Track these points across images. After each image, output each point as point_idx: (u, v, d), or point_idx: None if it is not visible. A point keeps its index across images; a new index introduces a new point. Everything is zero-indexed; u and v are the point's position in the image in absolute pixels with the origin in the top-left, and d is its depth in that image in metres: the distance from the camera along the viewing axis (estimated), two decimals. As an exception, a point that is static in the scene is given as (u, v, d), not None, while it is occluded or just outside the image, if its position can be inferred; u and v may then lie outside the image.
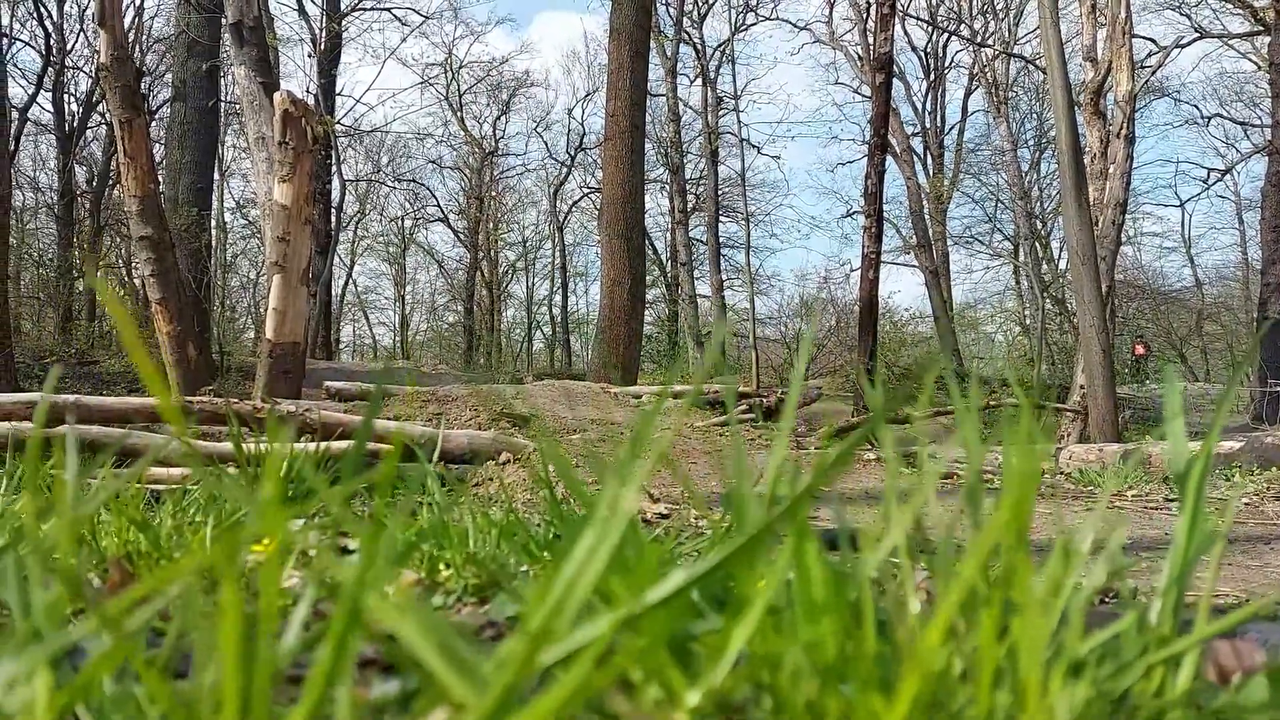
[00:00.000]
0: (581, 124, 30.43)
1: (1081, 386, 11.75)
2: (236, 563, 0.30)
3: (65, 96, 23.13)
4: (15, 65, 21.79)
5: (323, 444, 3.39)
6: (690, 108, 27.70)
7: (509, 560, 1.22)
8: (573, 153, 30.17)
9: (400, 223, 32.13)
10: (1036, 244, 26.38)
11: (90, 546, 1.03)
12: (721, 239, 26.55)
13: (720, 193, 26.78)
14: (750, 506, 0.40)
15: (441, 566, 1.27)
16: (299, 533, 1.47)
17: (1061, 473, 5.96)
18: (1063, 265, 24.71)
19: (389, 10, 24.12)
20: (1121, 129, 13.72)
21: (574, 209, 31.45)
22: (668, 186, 27.24)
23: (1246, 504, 3.59)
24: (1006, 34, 25.09)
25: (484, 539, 1.37)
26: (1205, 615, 0.42)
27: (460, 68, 28.60)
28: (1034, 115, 27.15)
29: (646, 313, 14.15)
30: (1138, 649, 0.39)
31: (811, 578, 0.33)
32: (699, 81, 27.07)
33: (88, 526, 1.04)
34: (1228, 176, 26.68)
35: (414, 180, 30.26)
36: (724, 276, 26.09)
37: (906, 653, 0.36)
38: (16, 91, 21.27)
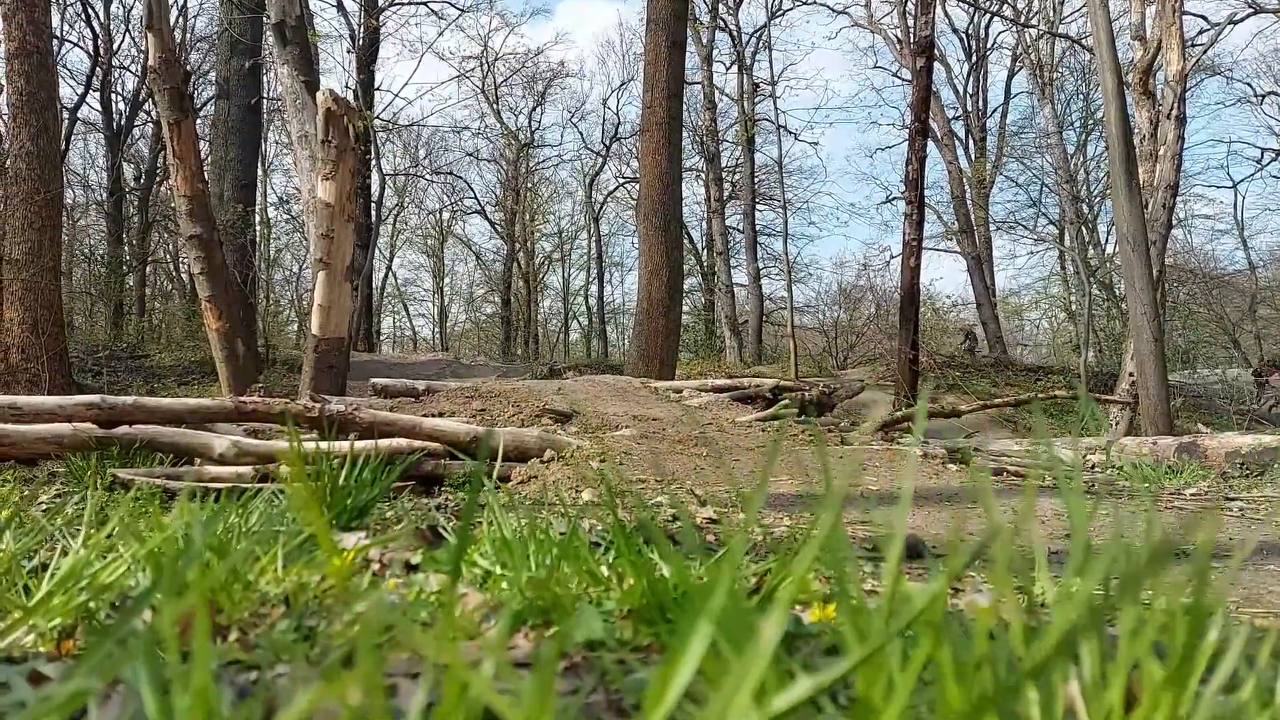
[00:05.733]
0: (617, 113, 30.44)
1: (1131, 375, 11.48)
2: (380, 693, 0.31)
3: (113, 96, 23.67)
4: (65, 66, 22.34)
5: (376, 443, 3.43)
6: (726, 95, 27.49)
7: (571, 583, 1.23)
8: (608, 143, 30.16)
9: (438, 215, 32.44)
10: (1083, 228, 25.78)
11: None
12: (758, 227, 26.35)
13: (757, 180, 26.56)
14: (864, 607, 0.39)
15: (504, 585, 1.28)
16: (362, 548, 1.49)
17: (1112, 466, 5.83)
18: (1110, 249, 24.14)
19: (426, 4, 24.26)
20: (1172, 109, 13.35)
21: (609, 199, 31.46)
22: (703, 175, 27.08)
23: (1311, 503, 3.48)
24: (1051, 13, 24.46)
25: (544, 555, 1.38)
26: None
27: (496, 60, 28.71)
28: (1080, 96, 26.52)
29: (683, 302, 14.13)
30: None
31: (949, 689, 0.32)
32: (735, 68, 26.84)
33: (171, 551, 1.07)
34: (1283, 156, 25.76)
35: (451, 173, 30.50)
36: (761, 265, 25.91)
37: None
38: (66, 92, 21.82)
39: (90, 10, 22.19)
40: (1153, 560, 0.43)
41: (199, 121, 19.89)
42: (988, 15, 25.76)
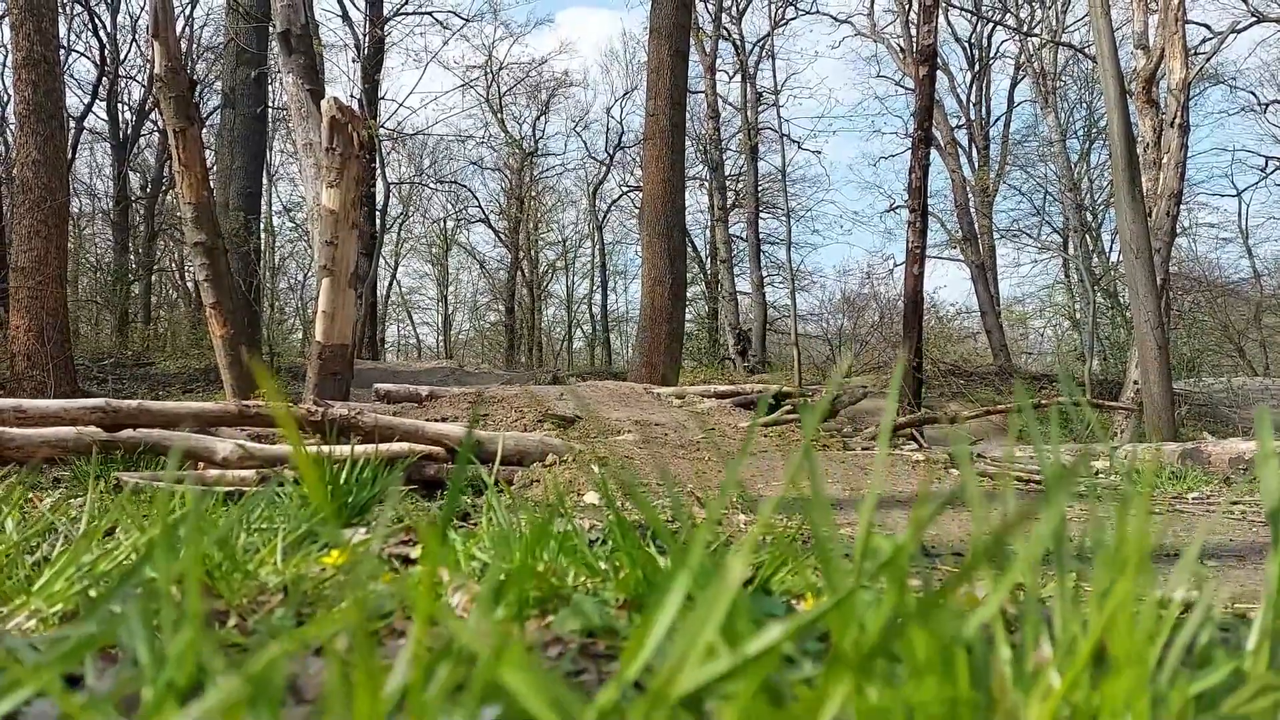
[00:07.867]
0: (620, 122, 30.53)
1: (1135, 383, 11.47)
2: (370, 639, 0.32)
3: (119, 105, 23.82)
4: (72, 75, 22.50)
5: (378, 446, 3.45)
6: (729, 104, 27.57)
7: (569, 573, 1.24)
8: (611, 151, 30.25)
9: (442, 224, 32.55)
10: (1087, 236, 25.77)
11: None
12: (762, 235, 26.38)
13: (760, 189, 26.60)
14: (837, 560, 0.41)
15: (502, 577, 1.29)
16: (361, 543, 1.51)
17: (1116, 473, 5.82)
18: (1114, 258, 24.12)
19: (430, 14, 24.38)
20: (1175, 118, 13.37)
21: (613, 207, 31.55)
22: (707, 183, 27.14)
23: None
24: (1054, 22, 24.52)
25: (541, 548, 1.39)
26: (1302, 661, 0.42)
27: (500, 69, 28.84)
28: (1083, 105, 26.54)
29: (686, 310, 14.15)
30: (1238, 701, 0.39)
31: (913, 639, 0.33)
32: (738, 77, 26.93)
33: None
34: (1287, 164, 25.72)
35: (456, 182, 30.62)
36: (764, 273, 25.93)
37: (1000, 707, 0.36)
38: (73, 101, 21.97)
39: (97, 20, 22.36)
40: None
41: (205, 130, 20.02)
42: (990, 24, 25.83)
